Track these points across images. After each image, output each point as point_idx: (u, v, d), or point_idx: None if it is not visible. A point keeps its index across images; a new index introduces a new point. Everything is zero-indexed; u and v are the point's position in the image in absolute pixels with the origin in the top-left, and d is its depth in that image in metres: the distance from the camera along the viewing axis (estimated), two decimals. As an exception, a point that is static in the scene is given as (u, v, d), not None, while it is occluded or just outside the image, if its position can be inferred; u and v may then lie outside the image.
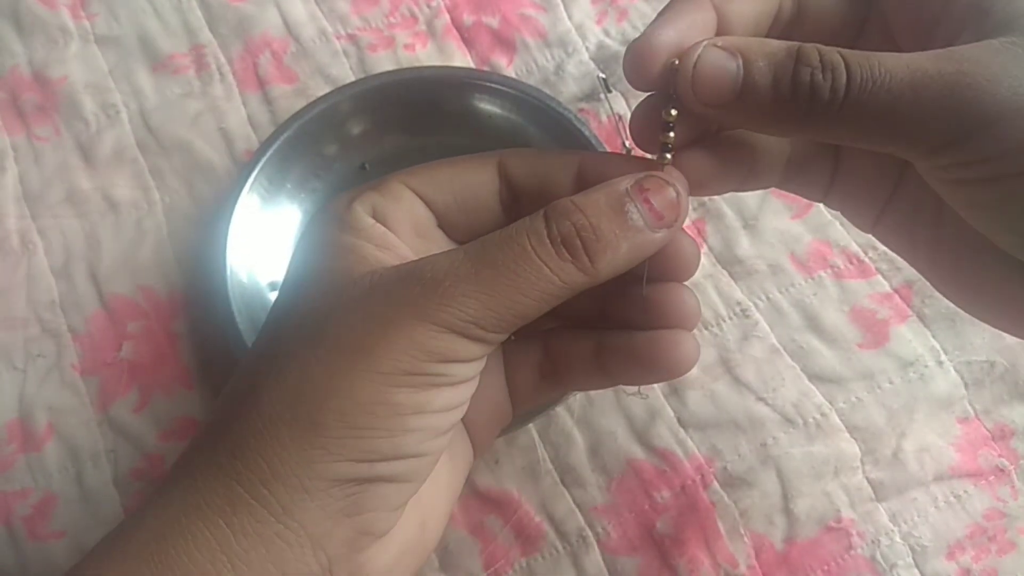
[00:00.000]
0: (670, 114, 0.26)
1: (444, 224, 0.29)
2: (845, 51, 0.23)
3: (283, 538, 0.23)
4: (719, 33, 0.26)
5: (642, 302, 0.28)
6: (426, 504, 0.27)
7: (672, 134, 0.26)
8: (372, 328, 0.24)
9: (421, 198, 0.28)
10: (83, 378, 0.39)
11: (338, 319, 0.25)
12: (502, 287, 0.24)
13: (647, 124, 0.27)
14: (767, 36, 0.27)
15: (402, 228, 0.28)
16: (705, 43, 0.25)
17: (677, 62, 0.25)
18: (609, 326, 0.29)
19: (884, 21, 0.27)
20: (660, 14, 0.26)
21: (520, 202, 0.29)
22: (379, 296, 0.25)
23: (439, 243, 0.29)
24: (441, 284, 0.24)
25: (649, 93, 0.27)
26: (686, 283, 0.29)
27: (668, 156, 0.26)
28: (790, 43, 0.24)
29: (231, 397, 0.26)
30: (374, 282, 0.25)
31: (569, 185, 0.28)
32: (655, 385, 0.39)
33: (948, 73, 0.22)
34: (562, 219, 0.25)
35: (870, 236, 0.41)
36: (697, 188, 0.27)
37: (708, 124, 0.28)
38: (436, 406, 0.25)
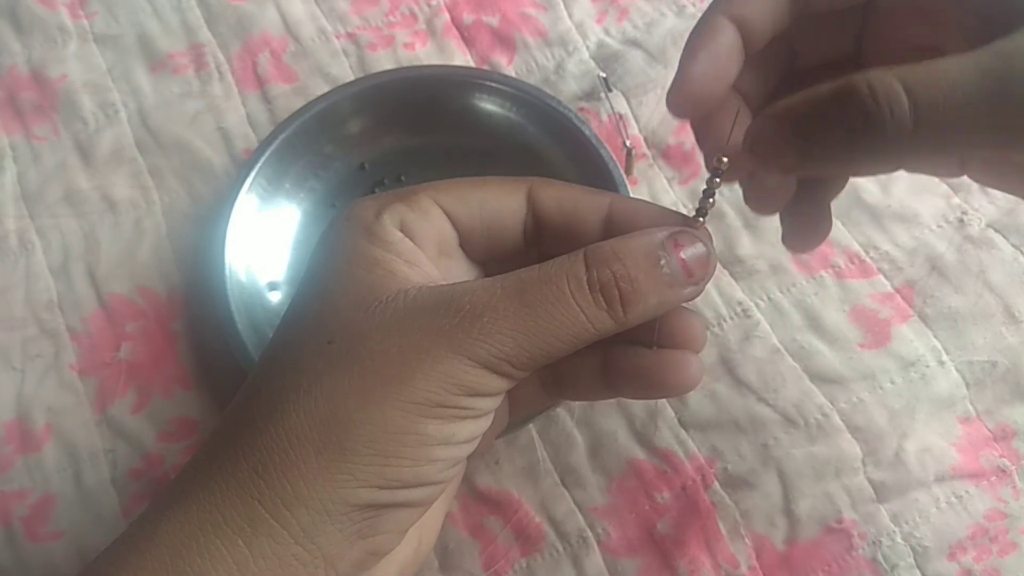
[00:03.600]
0: (714, 181, 0.26)
1: (464, 244, 0.29)
2: (904, 72, 0.22)
3: (300, 559, 0.23)
4: (746, 44, 0.27)
5: (653, 337, 0.28)
6: (424, 521, 0.28)
7: (712, 200, 0.27)
8: (408, 357, 0.24)
9: (448, 215, 0.28)
10: (81, 378, 0.39)
11: (372, 343, 0.24)
12: (537, 328, 0.24)
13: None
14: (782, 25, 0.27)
15: (428, 245, 0.27)
16: (755, 121, 0.25)
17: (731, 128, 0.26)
18: (615, 341, 0.29)
19: None
20: (686, 45, 0.27)
21: (543, 233, 0.28)
22: (415, 323, 0.24)
23: (459, 263, 0.29)
24: (479, 319, 0.24)
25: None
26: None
27: (703, 218, 0.27)
28: (838, 85, 0.23)
29: (249, 406, 0.25)
30: (408, 303, 0.25)
31: (597, 226, 0.28)
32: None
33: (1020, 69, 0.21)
34: (603, 266, 0.25)
35: (871, 236, 0.41)
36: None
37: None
38: (460, 437, 0.25)
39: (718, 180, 0.27)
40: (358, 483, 0.23)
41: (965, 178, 0.43)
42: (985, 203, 0.42)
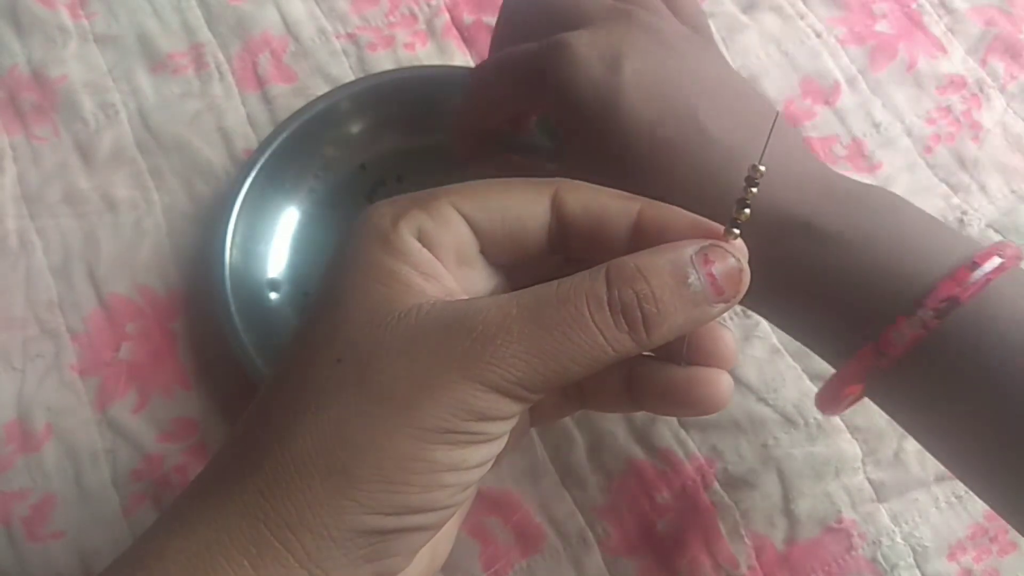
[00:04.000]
0: (749, 191, 0.25)
1: (485, 250, 0.28)
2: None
3: None
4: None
5: (682, 353, 0.27)
6: (437, 538, 0.27)
7: (747, 211, 0.25)
8: (417, 381, 0.23)
9: (468, 222, 0.27)
10: (82, 378, 0.39)
11: (382, 364, 0.24)
12: (553, 351, 0.23)
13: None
14: None
15: (447, 255, 0.26)
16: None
17: (762, 168, 0.25)
18: (641, 356, 0.28)
19: None
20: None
21: (568, 237, 0.27)
22: (426, 344, 0.24)
23: (479, 270, 0.28)
24: (492, 342, 0.23)
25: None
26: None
27: (737, 231, 0.25)
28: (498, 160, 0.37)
29: (258, 423, 0.25)
30: (420, 321, 0.24)
31: (625, 231, 0.27)
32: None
33: None
34: (625, 286, 0.24)
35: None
36: None
37: None
38: (472, 462, 0.24)
39: (754, 190, 0.25)
40: (364, 510, 0.23)
41: (966, 178, 0.43)
42: (985, 203, 0.42)
